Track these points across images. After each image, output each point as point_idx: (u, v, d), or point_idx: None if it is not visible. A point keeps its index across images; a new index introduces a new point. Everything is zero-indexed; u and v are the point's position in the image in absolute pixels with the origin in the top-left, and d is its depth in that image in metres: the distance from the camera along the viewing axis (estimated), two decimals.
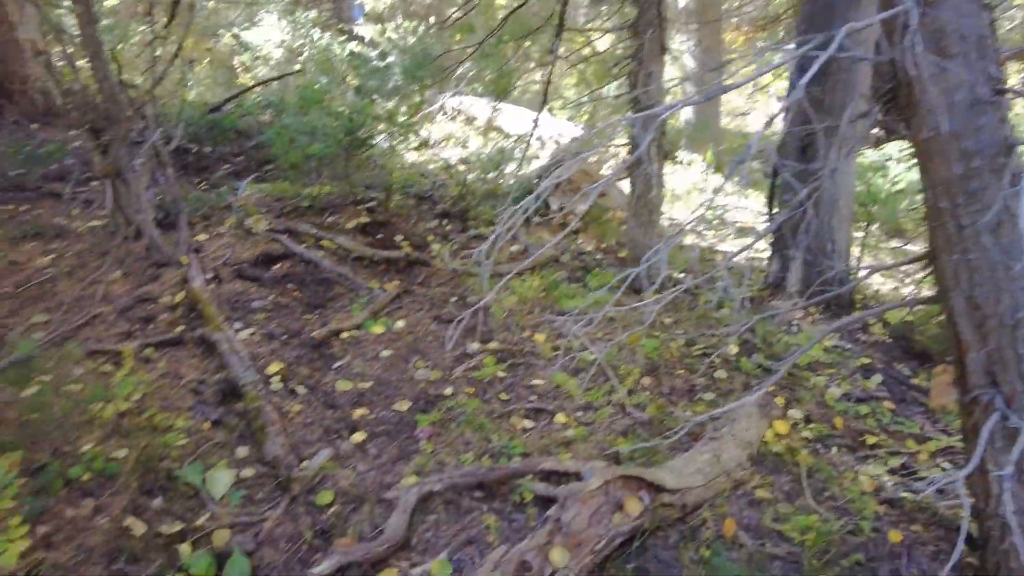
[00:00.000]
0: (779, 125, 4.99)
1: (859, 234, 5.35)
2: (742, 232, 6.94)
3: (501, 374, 3.54)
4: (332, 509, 2.51)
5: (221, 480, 2.54)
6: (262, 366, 3.34)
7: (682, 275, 4.97)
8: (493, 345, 3.82)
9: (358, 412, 3.13)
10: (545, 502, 2.56)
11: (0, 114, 6.22)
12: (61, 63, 6.10)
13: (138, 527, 2.30)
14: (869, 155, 5.61)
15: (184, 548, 2.27)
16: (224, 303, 3.90)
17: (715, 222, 7.05)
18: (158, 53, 4.10)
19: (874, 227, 5.82)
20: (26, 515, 2.20)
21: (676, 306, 4.50)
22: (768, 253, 4.99)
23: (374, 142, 5.30)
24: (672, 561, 2.40)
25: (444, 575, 2.26)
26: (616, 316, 4.32)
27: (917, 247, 6.04)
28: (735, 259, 2.56)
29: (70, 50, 4.62)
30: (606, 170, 7.02)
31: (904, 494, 2.77)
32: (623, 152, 6.62)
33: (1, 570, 2.01)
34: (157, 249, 4.18)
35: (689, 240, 6.50)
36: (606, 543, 2.23)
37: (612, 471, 2.45)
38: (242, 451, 2.77)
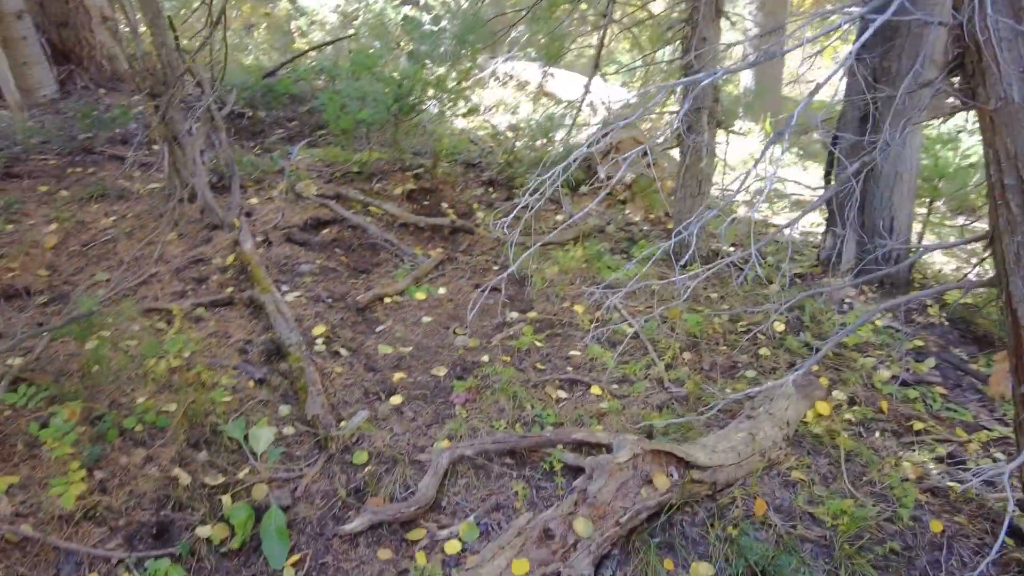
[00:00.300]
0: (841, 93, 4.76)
1: (923, 210, 5.09)
2: (798, 205, 6.70)
3: (538, 344, 3.55)
4: (367, 469, 2.59)
5: (262, 437, 2.64)
6: (307, 328, 3.44)
7: (731, 249, 4.85)
8: (532, 315, 3.83)
9: (397, 376, 3.20)
10: (574, 472, 2.58)
11: (70, 79, 6.48)
12: (126, 30, 6.30)
13: (184, 477, 2.42)
14: (939, 126, 5.30)
15: (226, 499, 2.38)
16: (273, 266, 4.02)
17: (768, 194, 6.82)
18: (209, 19, 4.18)
19: (939, 203, 5.52)
20: (84, 461, 2.35)
21: (722, 280, 4.40)
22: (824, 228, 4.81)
23: (423, 108, 5.31)
24: (698, 538, 2.39)
25: (471, 538, 2.32)
26: (658, 289, 4.26)
27: (985, 225, 5.71)
28: (786, 233, 2.48)
29: (134, 16, 4.76)
30: (660, 139, 6.86)
31: (949, 484, 2.67)
32: (676, 120, 6.44)
33: (60, 510, 2.16)
34: (211, 212, 4.32)
35: (743, 213, 6.31)
36: (631, 516, 2.23)
37: (642, 444, 2.44)
38: (284, 409, 2.87)
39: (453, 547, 2.28)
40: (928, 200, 5.08)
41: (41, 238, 4.08)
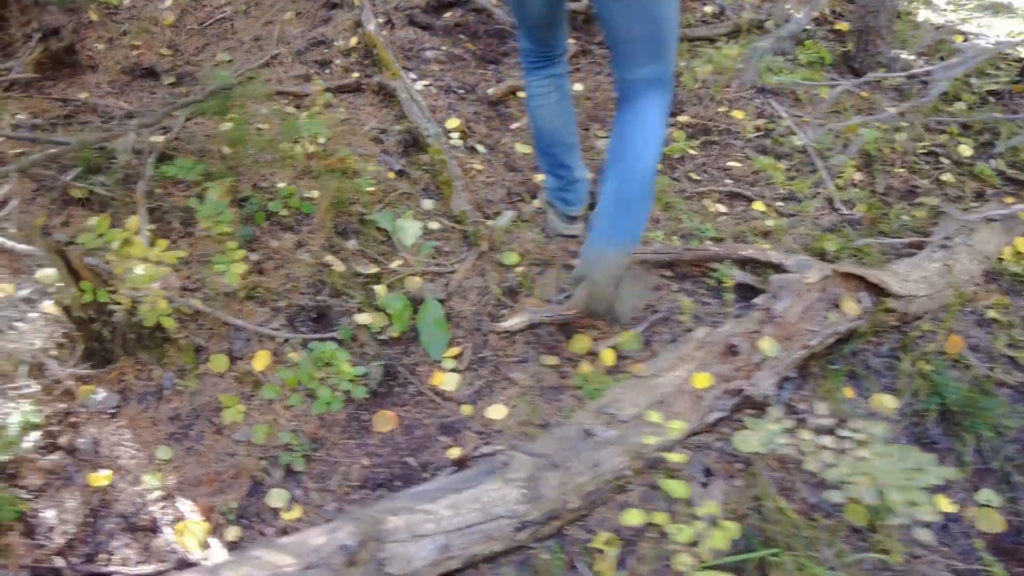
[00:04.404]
0: None
1: None
2: (998, 10, 5.61)
3: (692, 152, 3.19)
4: (518, 269, 2.45)
5: (409, 229, 2.52)
6: (440, 120, 3.19)
7: (913, 57, 4.13)
8: (683, 119, 3.42)
9: (539, 177, 2.96)
10: (745, 290, 2.37)
11: None
12: None
13: (338, 265, 2.35)
14: None
15: (380, 289, 2.32)
16: (397, 50, 3.69)
17: None
18: None
19: None
20: (239, 241, 2.29)
21: (904, 93, 3.79)
22: None
23: None
24: (883, 369, 2.18)
25: (634, 348, 2.19)
26: (829, 98, 3.71)
27: None
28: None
29: None
30: None
31: None
32: None
33: (225, 287, 2.14)
34: None
35: (925, 16, 5.34)
36: (819, 341, 2.02)
37: (831, 266, 2.17)
38: (427, 203, 2.72)
39: (611, 356, 2.17)
40: None
41: (159, 14, 3.86)
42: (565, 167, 2.44)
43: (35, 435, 1.70)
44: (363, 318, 2.21)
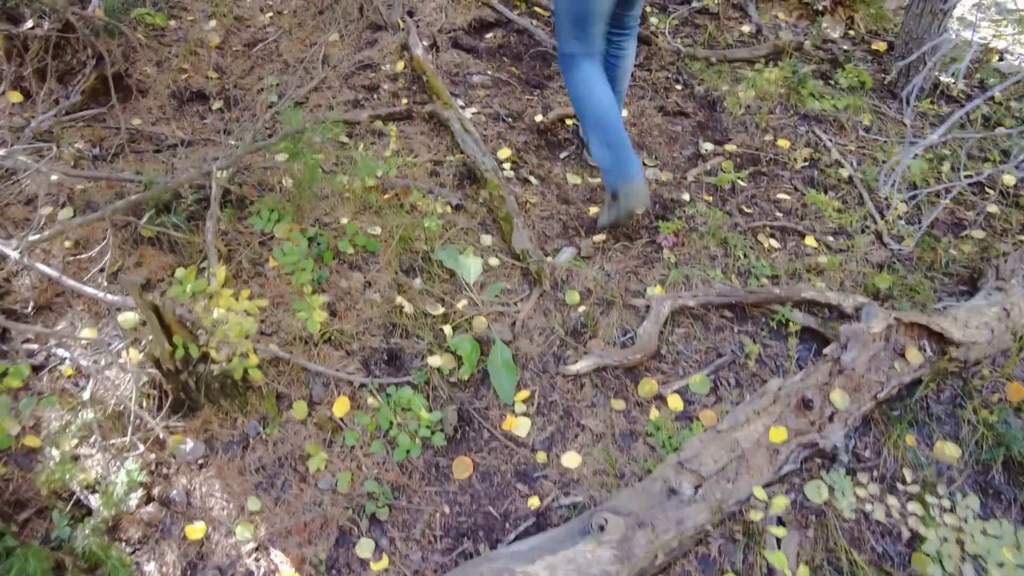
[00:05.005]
0: None
1: None
2: None
3: (742, 183, 3.22)
4: (581, 308, 2.50)
5: (472, 267, 2.56)
6: (491, 149, 3.22)
7: (953, 80, 4.14)
8: (730, 147, 3.45)
9: (592, 210, 2.99)
10: (810, 334, 2.41)
11: None
12: None
13: (407, 306, 2.40)
14: None
15: (447, 329, 2.36)
16: (444, 75, 3.72)
17: (992, 9, 5.70)
18: None
19: None
20: (313, 284, 2.34)
21: (943, 119, 3.80)
22: None
23: None
24: (945, 417, 2.22)
25: (703, 391, 2.23)
26: (872, 124, 3.73)
27: None
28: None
29: None
30: None
31: None
32: None
33: (301, 332, 2.19)
34: (372, 9, 3.96)
35: (959, 33, 5.33)
36: (886, 392, 2.06)
37: (894, 314, 2.20)
38: (486, 239, 2.76)
39: (678, 402, 2.22)
40: None
41: (204, 36, 3.89)
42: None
43: (139, 492, 1.75)
44: (434, 360, 2.26)
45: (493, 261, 2.68)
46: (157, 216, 2.51)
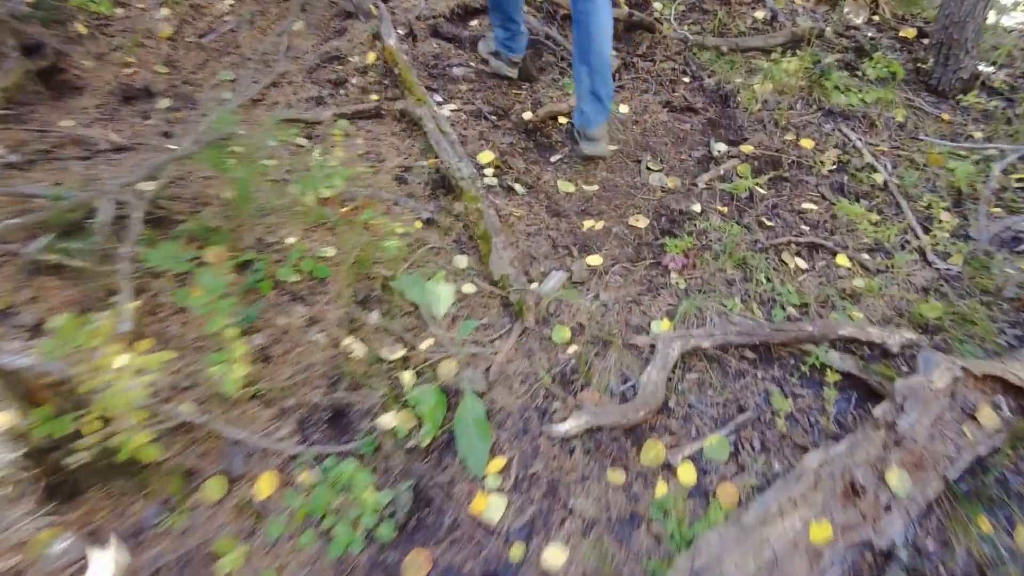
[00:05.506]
0: None
1: None
2: None
3: (761, 190, 2.78)
4: (571, 349, 2.06)
5: (442, 296, 2.13)
6: (471, 152, 2.79)
7: (994, 70, 3.68)
8: (746, 148, 3.00)
9: (587, 224, 2.56)
10: (849, 379, 1.97)
11: None
12: None
13: (357, 348, 1.97)
14: None
15: (407, 376, 1.93)
16: (421, 67, 3.29)
17: None
18: None
19: None
20: (240, 325, 1.91)
21: (991, 114, 3.35)
22: None
23: None
24: None
25: (721, 457, 1.80)
26: (907, 120, 3.28)
27: None
28: None
29: None
30: None
31: None
32: None
33: (222, 395, 1.76)
34: None
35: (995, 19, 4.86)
36: (957, 470, 1.63)
37: (960, 363, 1.77)
38: (461, 260, 2.33)
39: (691, 472, 1.78)
40: None
41: (154, 25, 3.46)
42: (514, 21, 3.07)
43: None
44: (388, 420, 1.83)
45: (468, 288, 2.25)
46: (60, 240, 2.08)
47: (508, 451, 1.83)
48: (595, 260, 2.37)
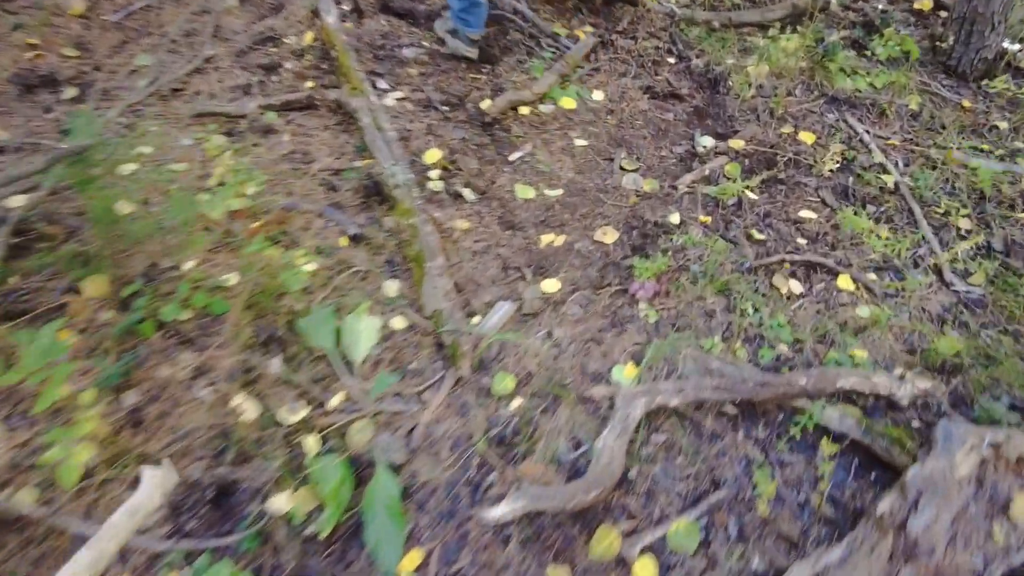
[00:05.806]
0: None
1: None
2: None
3: (751, 195, 2.40)
4: (514, 404, 1.71)
5: (363, 335, 1.78)
6: (416, 150, 2.41)
7: (1016, 47, 3.26)
8: (736, 143, 2.61)
9: (545, 239, 2.19)
10: (849, 444, 1.62)
11: None
12: None
13: (250, 410, 1.62)
14: None
15: (311, 442, 1.59)
16: (366, 49, 2.88)
17: None
18: None
19: None
20: (102, 385, 1.56)
21: (1019, 101, 2.94)
22: None
23: None
24: None
25: (688, 548, 1.47)
26: (922, 109, 2.88)
27: None
28: None
29: None
30: None
31: None
32: None
33: (57, 486, 1.41)
34: None
35: None
36: None
37: (989, 435, 1.41)
38: (390, 287, 1.96)
39: (650, 569, 1.45)
40: None
41: (64, 2, 3.04)
42: None
43: None
44: (281, 502, 1.49)
45: (398, 322, 1.89)
46: None
47: (428, 540, 1.50)
48: (551, 286, 2.01)
